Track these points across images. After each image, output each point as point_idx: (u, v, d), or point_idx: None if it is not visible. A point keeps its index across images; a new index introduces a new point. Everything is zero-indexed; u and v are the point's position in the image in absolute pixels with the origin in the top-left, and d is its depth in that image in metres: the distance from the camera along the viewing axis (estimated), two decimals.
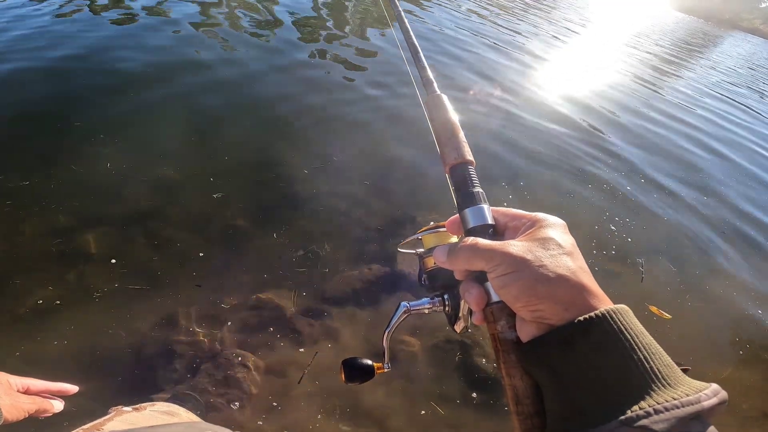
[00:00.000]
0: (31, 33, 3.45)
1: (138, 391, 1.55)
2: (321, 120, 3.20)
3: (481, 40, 6.12)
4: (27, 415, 0.66)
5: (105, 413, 0.80)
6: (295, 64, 3.89)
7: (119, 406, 0.82)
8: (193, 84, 3.26)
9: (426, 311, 0.54)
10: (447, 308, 0.53)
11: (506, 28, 7.41)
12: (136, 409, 0.84)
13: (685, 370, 0.35)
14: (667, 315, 2.35)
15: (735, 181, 4.18)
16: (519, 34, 7.37)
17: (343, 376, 0.55)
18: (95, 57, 3.31)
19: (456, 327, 0.54)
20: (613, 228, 2.92)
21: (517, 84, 4.96)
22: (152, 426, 0.75)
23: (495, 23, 7.53)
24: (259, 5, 5.07)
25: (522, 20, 8.66)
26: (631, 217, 3.08)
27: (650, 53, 10.17)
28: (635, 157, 4.02)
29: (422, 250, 0.55)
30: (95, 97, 2.89)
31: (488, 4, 9.16)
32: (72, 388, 0.76)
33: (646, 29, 16.35)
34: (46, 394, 0.72)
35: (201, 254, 2.02)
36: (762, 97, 9.15)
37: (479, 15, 7.80)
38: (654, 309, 2.37)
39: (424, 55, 0.60)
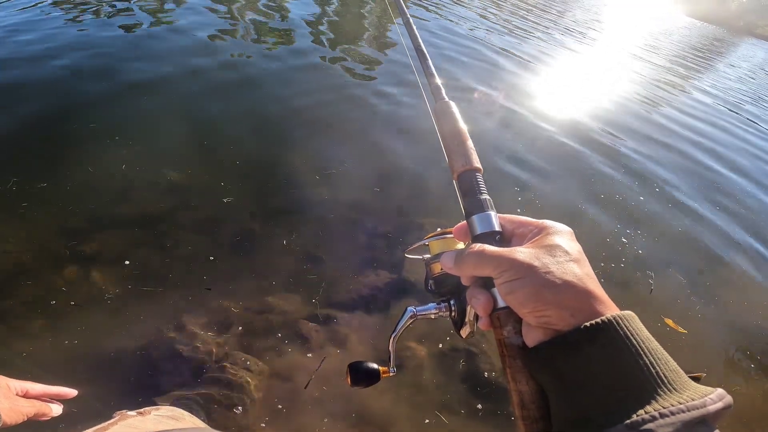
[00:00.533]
0: (44, 36, 3.54)
1: (144, 394, 1.56)
2: (330, 126, 3.23)
3: (487, 47, 6.14)
4: (26, 419, 0.66)
5: (109, 417, 0.80)
6: (304, 71, 3.93)
7: (123, 411, 0.83)
8: (207, 89, 3.32)
9: (432, 316, 0.55)
10: (453, 313, 0.54)
11: (513, 35, 7.43)
12: (140, 413, 0.84)
13: (696, 378, 0.35)
14: (683, 329, 2.31)
15: (748, 193, 4.13)
16: (527, 40, 7.38)
17: (349, 379, 0.55)
18: (109, 60, 3.39)
19: (462, 332, 0.54)
20: (624, 240, 2.89)
21: (525, 91, 4.96)
22: (156, 431, 0.76)
23: (502, 30, 7.55)
24: (269, 11, 5.13)
25: (530, 27, 8.68)
26: (643, 229, 3.05)
27: (661, 60, 10.12)
28: (647, 167, 3.99)
29: (429, 256, 0.56)
30: (110, 99, 2.95)
31: (495, 10, 9.19)
32: (71, 392, 0.76)
33: (658, 36, 16.28)
34: (45, 398, 0.72)
35: (211, 258, 2.04)
36: None
37: (485, 21, 7.82)
38: (670, 322, 2.34)
39: (432, 63, 0.60)
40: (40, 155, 2.39)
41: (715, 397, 0.33)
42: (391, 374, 0.56)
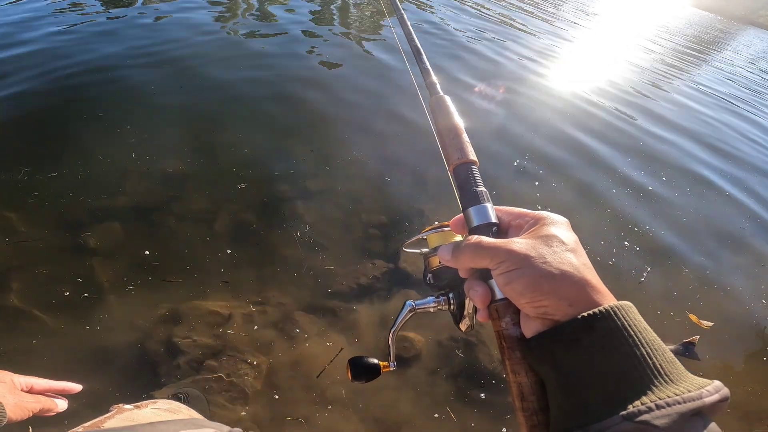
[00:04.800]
0: (54, 27, 3.63)
1: (141, 387, 1.57)
2: (332, 119, 3.24)
3: (485, 37, 6.09)
4: (31, 414, 0.66)
5: (106, 411, 0.81)
6: (303, 66, 3.93)
7: (120, 404, 0.83)
8: (215, 79, 3.36)
9: (431, 310, 0.55)
10: (452, 307, 0.54)
11: (513, 24, 7.37)
12: (137, 406, 0.85)
13: (692, 342, 0.35)
14: (706, 324, 2.30)
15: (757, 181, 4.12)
16: (525, 29, 7.33)
17: (349, 374, 0.55)
18: (116, 50, 3.46)
19: (461, 325, 0.54)
20: (624, 233, 2.89)
21: (527, 82, 4.92)
22: (152, 423, 0.76)
23: (501, 19, 7.49)
24: (270, 9, 5.12)
25: (529, 15, 8.61)
26: (648, 220, 3.03)
27: (665, 49, 10.06)
28: (651, 157, 3.96)
29: (427, 249, 0.56)
30: (118, 89, 3.00)
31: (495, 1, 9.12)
32: (75, 387, 0.76)
33: (662, 25, 16.15)
34: (50, 393, 0.72)
35: (228, 251, 2.06)
36: None
37: (483, 12, 7.77)
38: (693, 318, 2.33)
39: (426, 57, 0.60)
40: (50, 145, 2.42)
41: (711, 389, 0.33)
42: (391, 369, 0.57)
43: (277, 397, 1.62)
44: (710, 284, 2.65)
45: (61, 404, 0.73)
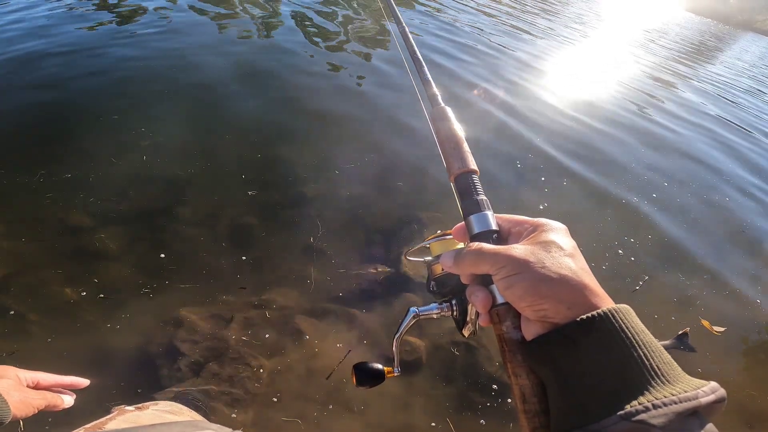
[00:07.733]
0: (67, 28, 3.74)
1: (143, 389, 1.57)
2: (336, 126, 3.26)
3: (483, 43, 6.13)
4: (36, 411, 0.64)
5: (108, 412, 0.80)
6: (305, 72, 3.97)
7: (122, 405, 0.83)
8: (225, 87, 3.40)
9: (435, 316, 0.56)
10: (455, 313, 0.55)
11: (510, 31, 7.42)
12: (139, 408, 0.85)
13: (685, 334, 0.36)
14: (718, 330, 2.30)
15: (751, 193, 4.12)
16: (525, 36, 7.37)
17: (354, 379, 0.56)
18: (141, 54, 3.54)
19: (464, 331, 0.55)
20: (623, 243, 2.89)
21: (524, 88, 4.95)
22: (154, 425, 0.76)
23: (498, 26, 7.54)
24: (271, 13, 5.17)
25: (527, 22, 8.66)
26: (643, 232, 3.01)
27: (661, 56, 10.11)
28: (649, 166, 3.97)
29: (430, 257, 0.57)
30: (133, 93, 3.06)
31: (493, 6, 9.17)
32: (83, 382, 0.74)
33: (658, 31, 16.22)
34: (57, 389, 0.70)
35: (235, 256, 2.07)
36: None
37: (481, 18, 7.82)
38: (706, 324, 2.33)
39: (428, 69, 0.62)
40: (65, 147, 2.46)
41: (707, 390, 0.33)
42: (395, 374, 0.57)
43: (275, 400, 1.62)
44: (711, 288, 2.66)
45: (68, 400, 0.70)
